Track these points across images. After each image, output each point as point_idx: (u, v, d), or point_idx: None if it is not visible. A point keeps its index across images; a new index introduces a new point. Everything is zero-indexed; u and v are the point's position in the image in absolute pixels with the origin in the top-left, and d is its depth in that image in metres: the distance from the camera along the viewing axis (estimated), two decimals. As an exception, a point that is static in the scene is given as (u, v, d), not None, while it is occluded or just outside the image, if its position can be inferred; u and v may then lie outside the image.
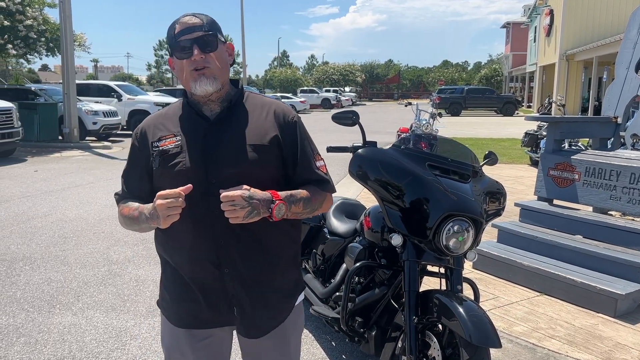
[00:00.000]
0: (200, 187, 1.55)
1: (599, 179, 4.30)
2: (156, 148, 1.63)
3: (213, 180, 1.57)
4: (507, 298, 3.94)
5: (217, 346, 1.74)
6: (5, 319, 3.63)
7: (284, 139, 1.65)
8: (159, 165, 1.62)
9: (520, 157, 11.56)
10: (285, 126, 1.67)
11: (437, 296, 2.20)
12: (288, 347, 1.78)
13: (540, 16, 34.06)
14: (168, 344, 1.75)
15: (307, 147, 1.71)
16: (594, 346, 3.20)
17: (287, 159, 1.66)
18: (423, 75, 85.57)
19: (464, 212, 2.23)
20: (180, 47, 1.58)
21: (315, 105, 41.19)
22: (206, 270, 1.61)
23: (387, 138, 13.71)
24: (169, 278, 1.72)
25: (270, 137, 1.63)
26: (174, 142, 1.62)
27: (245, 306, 1.65)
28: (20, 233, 5.74)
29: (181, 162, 1.59)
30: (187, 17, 1.60)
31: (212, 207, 1.54)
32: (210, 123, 1.63)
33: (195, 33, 1.57)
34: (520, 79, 47.02)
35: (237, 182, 1.54)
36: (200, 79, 1.57)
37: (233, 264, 1.60)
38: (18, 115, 11.85)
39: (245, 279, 1.63)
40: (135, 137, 1.71)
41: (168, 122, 1.68)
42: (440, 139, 2.70)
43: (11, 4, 14.97)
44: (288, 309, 1.76)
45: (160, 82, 74.29)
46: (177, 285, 1.68)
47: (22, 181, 8.88)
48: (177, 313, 1.71)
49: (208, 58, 1.58)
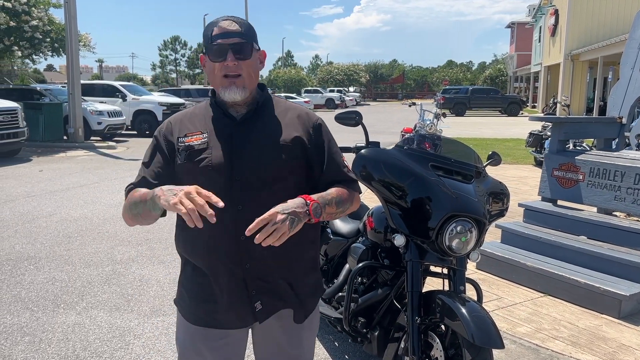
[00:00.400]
0: (224, 183, 1.59)
1: (603, 179, 4.29)
2: (182, 143, 1.66)
3: (237, 177, 1.60)
4: (510, 299, 3.93)
5: (233, 346, 1.74)
6: (9, 318, 3.65)
7: (309, 142, 1.69)
8: (185, 160, 1.63)
9: (525, 158, 11.53)
10: (310, 129, 1.71)
11: (440, 297, 2.20)
12: (300, 341, 1.80)
13: (545, 16, 33.97)
14: (182, 341, 1.76)
15: (334, 149, 1.76)
16: (597, 347, 3.19)
17: (313, 162, 1.70)
18: (427, 75, 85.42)
19: (467, 212, 2.23)
20: (216, 50, 1.60)
21: (319, 106, 41.19)
22: (227, 267, 1.62)
23: (391, 138, 13.71)
24: (189, 277, 1.72)
25: (293, 139, 1.66)
26: (201, 138, 1.64)
27: (267, 298, 1.67)
28: (25, 233, 5.77)
29: (207, 158, 1.61)
30: (226, 22, 1.61)
31: (235, 203, 1.57)
32: (236, 123, 1.66)
33: (232, 39, 1.59)
34: (525, 79, 46.90)
35: (261, 180, 1.59)
36: (231, 87, 1.61)
37: (254, 260, 1.62)
38: (23, 115, 11.90)
39: (267, 274, 1.65)
40: (159, 132, 1.72)
41: (195, 119, 1.71)
42: (444, 139, 2.69)
43: (17, 5, 15.03)
44: (309, 307, 1.78)
45: (165, 82, 74.50)
46: (196, 284, 1.70)
47: (27, 181, 8.92)
48: (194, 312, 1.71)
49: (241, 65, 1.60)
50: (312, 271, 1.80)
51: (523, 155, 11.83)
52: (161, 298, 4.02)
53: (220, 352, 1.71)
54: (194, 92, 23.11)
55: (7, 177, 9.30)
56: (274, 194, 1.59)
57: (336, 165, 1.74)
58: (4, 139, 11.09)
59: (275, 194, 1.59)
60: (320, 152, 1.72)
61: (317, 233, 1.82)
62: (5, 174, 9.57)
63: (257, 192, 1.60)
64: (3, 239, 5.53)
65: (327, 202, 1.61)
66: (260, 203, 1.58)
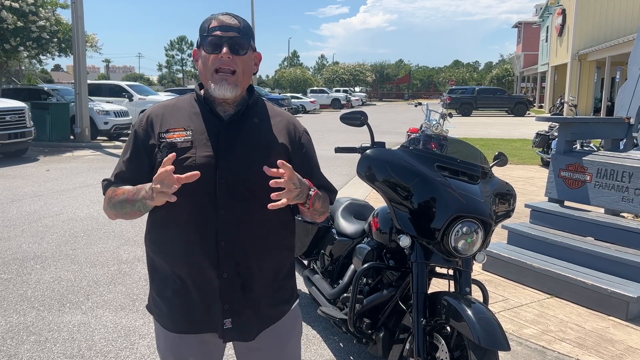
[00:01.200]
0: (207, 185, 1.53)
1: (610, 180, 4.25)
2: (163, 139, 1.58)
3: (221, 180, 1.55)
4: (516, 300, 3.91)
5: (212, 352, 1.71)
6: (16, 317, 3.66)
7: (293, 150, 1.68)
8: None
9: (531, 158, 11.48)
10: (295, 137, 1.70)
11: (446, 298, 2.18)
12: (284, 354, 1.76)
13: (552, 16, 33.82)
14: (164, 350, 1.72)
15: (315, 160, 1.77)
16: (605, 350, 3.16)
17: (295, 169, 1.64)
18: (434, 75, 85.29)
19: (473, 213, 2.22)
20: (211, 41, 1.57)
21: (325, 106, 41.17)
22: (204, 270, 1.57)
23: (397, 138, 13.68)
24: (162, 281, 1.65)
25: (279, 144, 1.64)
26: (184, 136, 1.58)
27: (239, 314, 1.61)
28: (32, 232, 5.80)
29: (190, 158, 1.55)
30: (225, 16, 1.60)
31: (218, 207, 1.54)
32: (224, 123, 1.61)
33: (229, 32, 1.57)
34: (532, 79, 46.70)
35: (246, 183, 1.55)
36: (222, 83, 1.57)
37: (231, 266, 1.57)
38: (30, 115, 11.96)
39: (243, 283, 1.60)
40: (139, 125, 1.65)
41: (178, 114, 1.64)
42: (451, 139, 2.68)
43: (24, 5, 15.11)
44: (282, 314, 1.73)
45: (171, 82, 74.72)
46: (170, 289, 1.63)
47: (34, 180, 8.96)
48: (171, 318, 1.66)
49: (236, 59, 1.57)
50: (289, 279, 1.76)
51: (530, 156, 11.77)
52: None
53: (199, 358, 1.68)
54: (200, 92, 23.12)
55: (14, 176, 9.36)
56: (259, 200, 1.55)
57: (320, 175, 1.76)
58: (11, 138, 11.15)
59: (260, 200, 1.54)
60: (307, 161, 1.71)
61: (294, 240, 1.79)
62: (13, 174, 9.63)
63: (241, 197, 1.56)
64: (10, 238, 5.56)
65: (318, 197, 1.63)
66: (243, 208, 1.56)
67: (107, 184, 1.68)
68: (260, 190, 1.54)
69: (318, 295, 3.23)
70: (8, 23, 14.69)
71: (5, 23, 14.69)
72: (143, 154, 1.62)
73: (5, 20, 14.64)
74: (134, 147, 1.64)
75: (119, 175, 1.65)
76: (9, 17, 14.64)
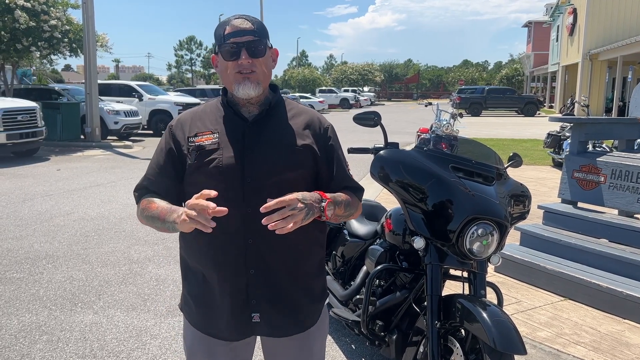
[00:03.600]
0: (234, 184, 1.56)
1: (625, 181, 4.20)
2: (192, 143, 1.62)
3: (248, 180, 1.57)
4: (530, 302, 3.87)
5: (240, 351, 1.73)
6: (28, 316, 3.68)
7: (319, 147, 1.67)
8: (195, 160, 1.60)
9: (543, 159, 11.39)
10: (320, 134, 1.70)
11: (460, 301, 2.16)
12: (311, 352, 1.76)
13: (563, 15, 33.56)
14: (190, 346, 1.75)
15: (341, 156, 1.75)
16: (620, 353, 3.12)
17: (321, 167, 1.68)
18: (443, 75, 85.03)
19: (489, 215, 2.19)
20: (229, 49, 1.58)
21: (333, 105, 41.17)
22: (231, 271, 1.59)
23: (407, 138, 13.63)
24: (193, 283, 1.70)
25: (304, 142, 1.64)
26: (211, 138, 1.61)
27: (267, 310, 1.63)
28: (43, 231, 5.83)
29: (217, 159, 1.58)
30: (239, 20, 1.60)
31: (245, 205, 1.56)
32: (248, 123, 1.63)
33: (245, 37, 1.58)
34: (542, 78, 46.39)
35: (272, 182, 1.56)
36: (245, 82, 1.59)
37: (259, 265, 1.59)
38: (42, 115, 12.04)
39: (270, 281, 1.62)
40: (169, 131, 1.69)
41: (205, 119, 1.67)
42: (462, 139, 2.65)
43: (36, 5, 15.21)
44: (314, 313, 1.74)
45: (181, 82, 75.00)
46: (198, 291, 1.67)
47: (45, 180, 9.02)
48: (198, 319, 1.70)
49: (255, 63, 1.59)
50: (318, 276, 1.76)
51: (541, 156, 11.69)
52: (177, 298, 4.03)
53: (227, 357, 1.70)
54: (210, 92, 23.22)
55: (25, 176, 9.42)
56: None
57: (344, 172, 1.74)
58: (22, 138, 11.23)
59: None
60: (330, 159, 1.70)
61: (325, 236, 1.79)
62: (24, 173, 9.69)
63: (267, 196, 1.55)
64: (22, 237, 5.59)
65: (338, 203, 1.61)
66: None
67: (140, 193, 1.70)
68: (286, 187, 1.55)
69: (330, 297, 3.21)
70: (20, 23, 14.79)
71: (18, 23, 14.80)
72: (175, 160, 1.65)
73: (18, 20, 14.74)
74: (165, 153, 1.67)
75: (150, 183, 1.69)
76: (21, 17, 14.74)
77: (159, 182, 1.67)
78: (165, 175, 1.67)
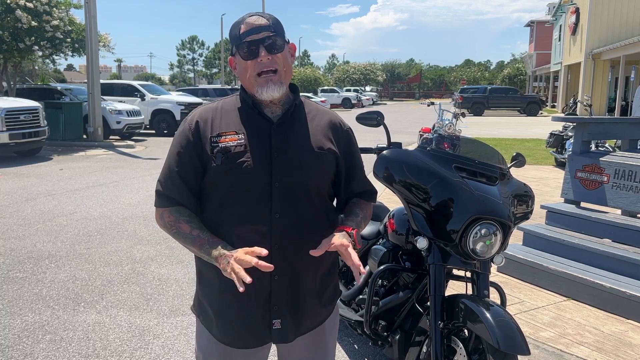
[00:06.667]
0: (262, 188, 1.53)
1: (629, 181, 4.19)
2: (216, 144, 1.54)
3: (276, 184, 1.54)
4: (533, 302, 3.86)
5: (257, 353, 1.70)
6: (31, 316, 3.68)
7: (339, 148, 1.66)
8: (222, 163, 1.52)
9: (545, 158, 11.38)
10: (340, 135, 1.69)
11: (464, 301, 2.15)
12: (325, 349, 1.77)
13: (566, 14, 33.49)
14: (205, 349, 1.70)
15: (359, 156, 1.75)
16: (624, 353, 3.11)
17: (341, 168, 1.67)
18: (445, 75, 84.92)
19: (492, 215, 2.18)
20: (247, 47, 1.53)
21: (335, 105, 41.15)
22: (255, 276, 1.50)
23: (409, 138, 13.63)
24: (208, 291, 1.65)
25: (327, 145, 1.63)
26: (236, 139, 1.54)
27: (288, 315, 1.61)
28: (46, 231, 5.83)
29: (246, 162, 1.52)
30: (253, 17, 1.56)
31: (272, 209, 1.53)
32: (275, 126, 1.58)
33: (262, 33, 1.53)
34: (545, 78, 46.29)
35: (299, 185, 1.55)
36: (268, 85, 1.53)
37: (283, 269, 1.57)
38: (44, 115, 12.06)
39: (293, 286, 1.61)
40: (189, 130, 1.58)
41: (226, 117, 1.60)
42: (464, 139, 2.64)
43: (39, 5, 15.24)
44: (327, 313, 1.75)
45: (183, 81, 75.08)
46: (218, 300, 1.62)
47: (47, 179, 9.03)
48: (219, 330, 1.64)
49: (275, 59, 1.54)
50: (332, 276, 1.77)
51: (543, 156, 11.67)
52: (180, 298, 4.03)
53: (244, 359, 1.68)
54: (212, 92, 23.22)
55: (28, 175, 9.44)
56: (312, 202, 1.58)
57: (361, 176, 1.73)
58: (25, 137, 11.25)
59: (313, 203, 1.58)
60: (351, 162, 1.69)
61: None
62: (27, 173, 9.71)
63: (295, 201, 1.54)
64: (25, 237, 5.60)
65: (359, 224, 1.64)
66: (297, 210, 1.55)
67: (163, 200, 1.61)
68: (313, 191, 1.55)
69: (332, 297, 3.21)
70: (23, 23, 14.82)
71: (20, 23, 14.83)
72: (196, 159, 1.57)
73: (20, 20, 14.77)
74: (185, 153, 1.58)
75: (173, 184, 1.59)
76: (23, 17, 14.77)
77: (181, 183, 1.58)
78: (186, 176, 1.58)
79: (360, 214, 1.67)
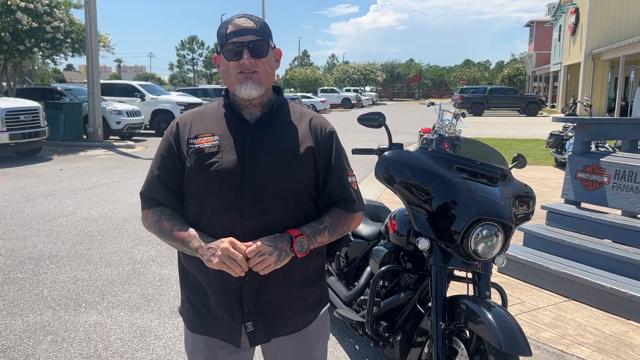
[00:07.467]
0: (234, 189, 1.54)
1: (629, 182, 4.19)
2: (192, 145, 1.59)
3: (247, 184, 1.54)
4: (533, 303, 3.87)
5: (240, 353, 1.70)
6: (32, 316, 3.68)
7: (319, 151, 1.63)
8: (194, 163, 1.57)
9: (545, 159, 11.38)
10: (321, 138, 1.65)
11: (465, 302, 2.16)
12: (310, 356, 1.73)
13: (566, 14, 33.51)
14: (191, 350, 1.73)
15: (340, 161, 1.68)
16: (624, 354, 3.12)
17: (319, 170, 1.63)
18: (445, 75, 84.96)
19: (493, 216, 2.19)
20: (231, 48, 1.55)
21: (335, 105, 41.16)
22: (227, 276, 1.53)
23: (409, 138, 13.62)
24: (190, 288, 1.68)
25: (306, 147, 1.61)
26: (211, 141, 1.58)
27: (260, 313, 1.60)
28: (47, 231, 5.84)
29: (217, 163, 1.55)
30: (241, 19, 1.57)
31: (243, 210, 1.53)
32: (250, 127, 1.60)
33: (247, 36, 1.55)
34: (544, 78, 46.30)
35: (272, 188, 1.54)
36: (247, 82, 1.56)
37: (251, 271, 1.53)
38: (44, 115, 12.06)
39: (265, 287, 1.58)
40: (170, 133, 1.65)
41: (206, 120, 1.64)
42: (464, 139, 2.65)
43: (39, 6, 15.24)
44: (310, 319, 1.71)
45: (182, 81, 75.08)
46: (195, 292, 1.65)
47: (48, 180, 9.03)
48: (198, 322, 1.67)
49: (257, 63, 1.56)
50: (316, 284, 1.71)
51: (543, 156, 11.68)
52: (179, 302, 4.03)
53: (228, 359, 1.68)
54: (212, 92, 23.23)
55: (28, 175, 9.43)
56: (286, 204, 1.55)
57: (341, 181, 1.65)
58: (25, 138, 11.25)
59: (287, 204, 1.55)
60: (327, 162, 1.64)
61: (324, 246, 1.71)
62: (27, 173, 9.71)
63: (267, 202, 1.54)
64: (25, 237, 5.60)
65: (319, 231, 1.58)
66: (269, 214, 1.54)
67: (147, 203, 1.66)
68: (287, 192, 1.53)
69: (334, 297, 3.21)
70: (23, 24, 14.82)
71: (20, 24, 14.82)
72: (176, 160, 1.62)
73: (20, 22, 14.77)
74: (167, 155, 1.64)
75: (155, 186, 1.64)
76: (23, 18, 14.77)
77: (163, 184, 1.63)
78: (167, 177, 1.62)
79: (327, 222, 1.60)
